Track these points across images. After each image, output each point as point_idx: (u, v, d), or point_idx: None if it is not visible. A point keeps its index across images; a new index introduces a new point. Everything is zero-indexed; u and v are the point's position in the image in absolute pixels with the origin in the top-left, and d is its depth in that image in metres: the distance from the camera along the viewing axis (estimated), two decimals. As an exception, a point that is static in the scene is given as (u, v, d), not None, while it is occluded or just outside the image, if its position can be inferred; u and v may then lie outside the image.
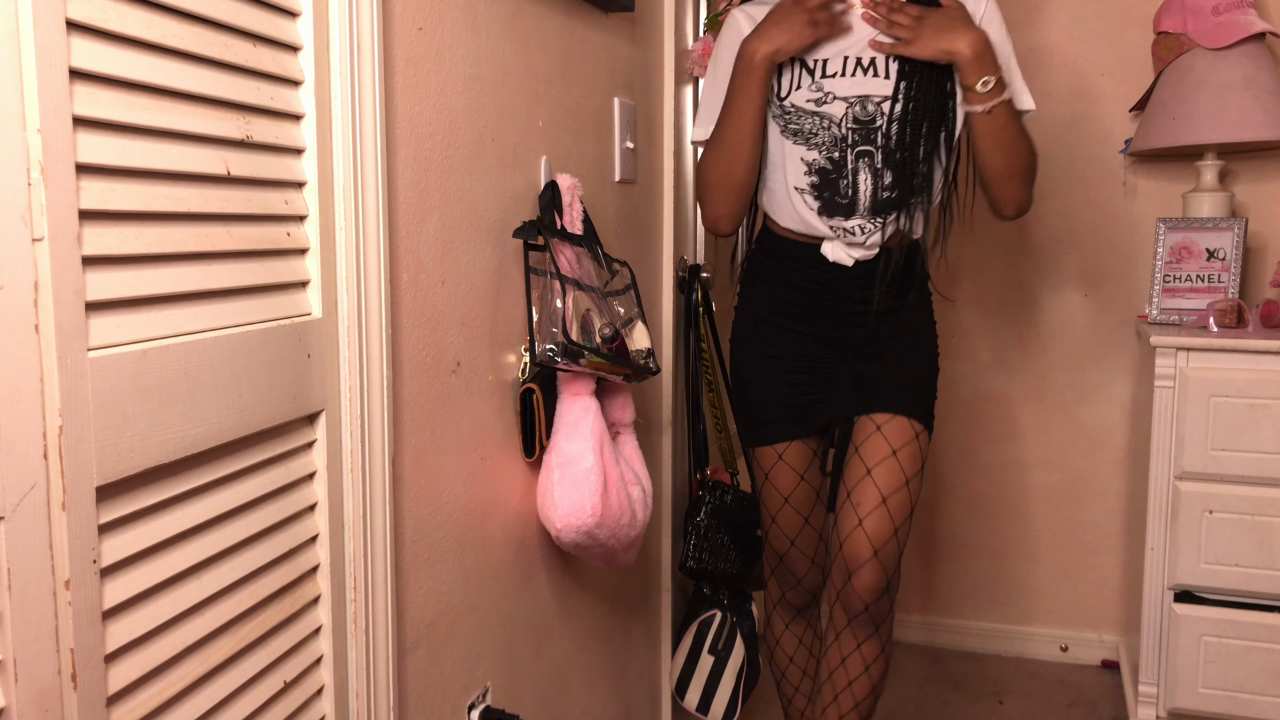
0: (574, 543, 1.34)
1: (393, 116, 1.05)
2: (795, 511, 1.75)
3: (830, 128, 1.59)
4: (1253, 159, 2.42)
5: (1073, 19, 2.51)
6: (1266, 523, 2.02)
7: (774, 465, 1.73)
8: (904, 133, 1.57)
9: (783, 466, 1.72)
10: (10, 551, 0.64)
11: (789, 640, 1.89)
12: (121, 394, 0.71)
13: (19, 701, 0.65)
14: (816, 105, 1.59)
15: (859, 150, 1.58)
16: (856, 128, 1.58)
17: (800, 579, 1.81)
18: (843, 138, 1.58)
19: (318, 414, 0.95)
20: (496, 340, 1.29)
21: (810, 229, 1.64)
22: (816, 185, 1.61)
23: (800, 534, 1.76)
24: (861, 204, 1.59)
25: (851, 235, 1.61)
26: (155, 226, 0.76)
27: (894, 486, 1.59)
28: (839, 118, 1.58)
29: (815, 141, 1.60)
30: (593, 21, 1.56)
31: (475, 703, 1.27)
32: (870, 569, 1.58)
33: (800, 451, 1.72)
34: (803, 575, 1.80)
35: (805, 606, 1.87)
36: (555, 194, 1.37)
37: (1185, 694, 2.11)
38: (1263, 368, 2.01)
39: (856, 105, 1.57)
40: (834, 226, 1.61)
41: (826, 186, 1.60)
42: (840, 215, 1.60)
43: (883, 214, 1.60)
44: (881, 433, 1.61)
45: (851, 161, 1.59)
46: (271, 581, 0.90)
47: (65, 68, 0.67)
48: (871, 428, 1.63)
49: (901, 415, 1.62)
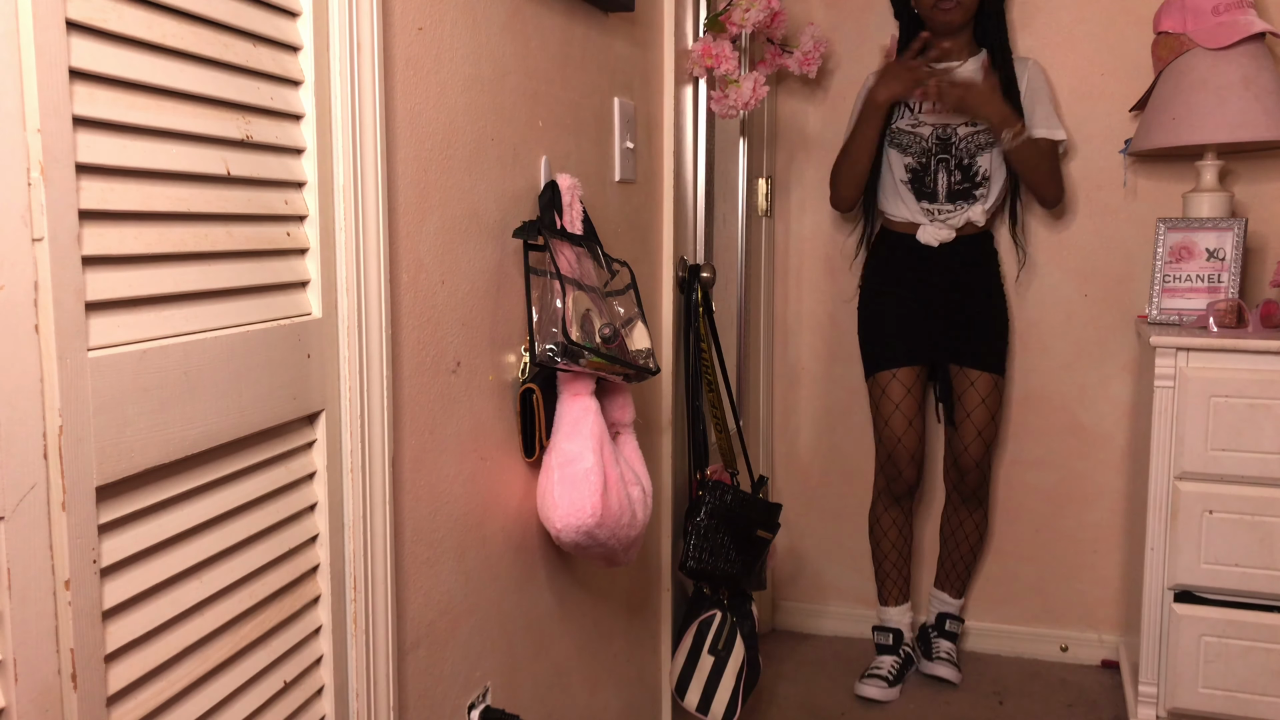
0: (574, 543, 1.34)
1: (393, 116, 1.05)
2: (903, 416, 2.46)
3: (921, 142, 2.41)
4: (1253, 159, 2.42)
5: (1073, 19, 2.51)
6: (1266, 523, 2.02)
7: (889, 382, 2.46)
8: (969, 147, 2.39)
9: (896, 384, 2.46)
10: (10, 551, 0.64)
11: (887, 520, 2.58)
12: (121, 394, 0.71)
13: (19, 701, 0.65)
14: (912, 128, 2.42)
15: (939, 157, 2.40)
16: (938, 143, 2.40)
17: (901, 472, 2.49)
18: (929, 149, 2.40)
19: (318, 414, 0.95)
20: (496, 340, 1.29)
21: (908, 211, 2.43)
22: (911, 180, 2.42)
23: (905, 434, 2.46)
24: (941, 193, 2.40)
25: (934, 216, 2.40)
26: (155, 226, 0.76)
27: (984, 422, 2.46)
28: (927, 135, 2.40)
29: (911, 151, 2.41)
30: (593, 21, 1.56)
31: (475, 703, 1.27)
32: (974, 474, 2.50)
33: (907, 375, 2.46)
34: (903, 468, 2.49)
35: (901, 496, 2.55)
36: (555, 194, 1.37)
37: (1185, 694, 2.10)
38: (1263, 368, 2.01)
39: (940, 129, 2.40)
40: (925, 208, 2.41)
41: (918, 180, 2.41)
42: (927, 199, 2.41)
43: (955, 200, 2.40)
44: (974, 387, 2.45)
45: (934, 164, 2.40)
46: (271, 581, 0.89)
47: (65, 68, 0.67)
48: (967, 382, 2.45)
49: (986, 372, 2.44)
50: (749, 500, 2.06)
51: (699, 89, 2.19)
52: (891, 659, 2.53)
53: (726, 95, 2.16)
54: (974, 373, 2.43)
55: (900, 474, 2.49)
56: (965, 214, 2.37)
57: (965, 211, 2.38)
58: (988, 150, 2.37)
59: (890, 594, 2.59)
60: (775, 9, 2.24)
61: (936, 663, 2.54)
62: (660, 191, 1.92)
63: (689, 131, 2.16)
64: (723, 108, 2.18)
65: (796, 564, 2.87)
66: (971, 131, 2.36)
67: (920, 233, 2.39)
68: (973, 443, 2.46)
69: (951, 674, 2.51)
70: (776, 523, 2.13)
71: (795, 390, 2.83)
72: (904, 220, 2.43)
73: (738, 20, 2.13)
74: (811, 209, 2.76)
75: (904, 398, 2.45)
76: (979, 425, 2.44)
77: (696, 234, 2.24)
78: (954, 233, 2.38)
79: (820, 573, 2.86)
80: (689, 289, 2.09)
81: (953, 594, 2.61)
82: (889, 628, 2.58)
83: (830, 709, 2.41)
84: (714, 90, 2.19)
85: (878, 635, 2.60)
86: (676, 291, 2.02)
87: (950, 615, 2.61)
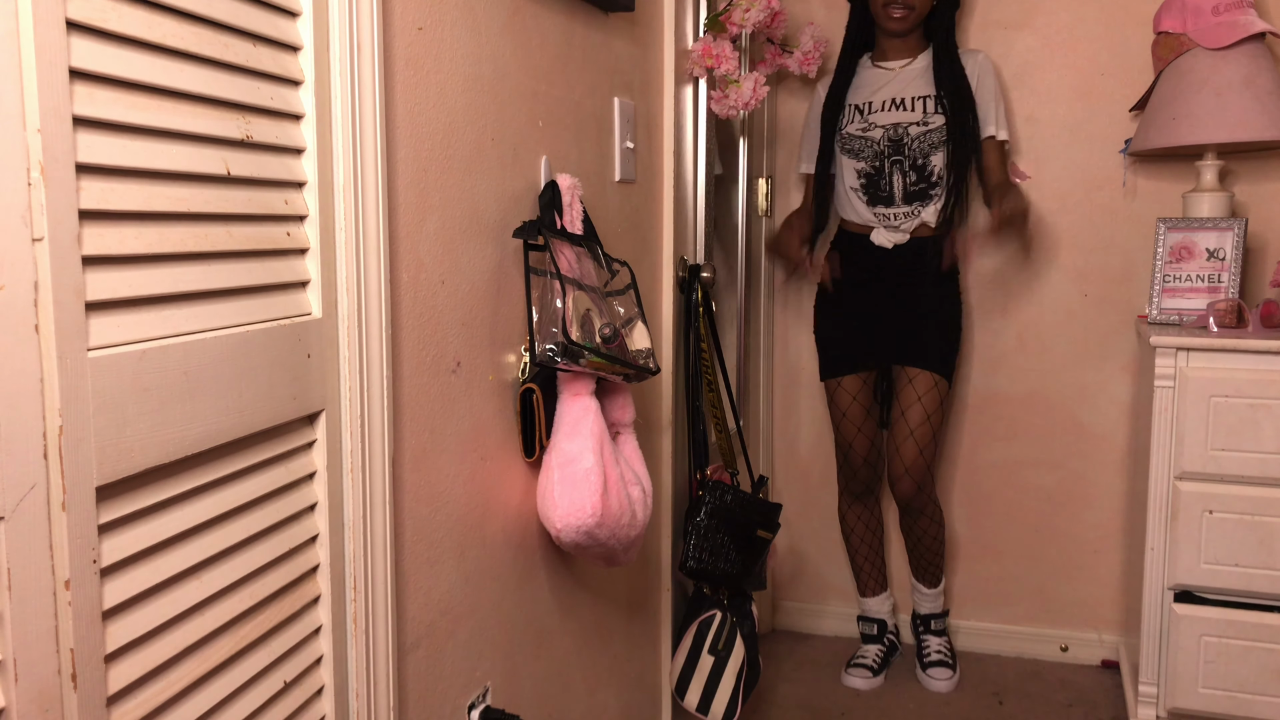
0: (574, 543, 1.34)
1: (393, 116, 1.05)
2: (850, 423, 2.48)
3: (872, 145, 2.37)
4: (1253, 159, 2.42)
5: (1073, 19, 2.51)
6: (1266, 523, 2.02)
7: (836, 391, 2.49)
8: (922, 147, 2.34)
9: (841, 392, 2.48)
10: (10, 551, 0.64)
11: (851, 516, 2.61)
12: (121, 394, 0.71)
13: (19, 701, 0.65)
14: (863, 132, 2.38)
15: (892, 159, 2.36)
16: (891, 144, 2.35)
17: (856, 473, 2.52)
18: (881, 151, 2.36)
19: (318, 414, 0.95)
20: (496, 340, 1.29)
21: (861, 218, 2.40)
22: (864, 185, 2.39)
23: (855, 439, 2.49)
24: (897, 195, 2.36)
25: (889, 220, 2.36)
26: (155, 226, 0.76)
27: (917, 422, 2.37)
28: (879, 139, 2.36)
29: (863, 155, 2.38)
30: (593, 21, 1.56)
31: (475, 703, 1.27)
32: (904, 482, 2.42)
33: (852, 383, 2.47)
34: (858, 470, 2.51)
35: (862, 493, 2.57)
36: (555, 194, 1.37)
37: (1185, 694, 2.10)
38: (1263, 368, 2.01)
39: (891, 130, 2.35)
40: (877, 214, 2.37)
41: (871, 185, 2.38)
42: (882, 204, 2.37)
43: (911, 202, 2.35)
44: (912, 384, 2.38)
45: (888, 167, 2.36)
46: (271, 581, 0.89)
47: (65, 68, 0.67)
48: (905, 380, 2.40)
49: (925, 370, 2.36)
50: (749, 500, 2.06)
51: (699, 89, 2.19)
52: (876, 648, 2.58)
53: (726, 95, 2.16)
54: (912, 370, 2.38)
55: (855, 474, 2.53)
56: (918, 219, 2.35)
57: (918, 217, 2.35)
58: (940, 149, 2.33)
59: (868, 585, 2.62)
60: (775, 9, 2.24)
61: (930, 671, 2.53)
62: (660, 191, 1.92)
63: (689, 131, 2.16)
64: (723, 108, 2.18)
65: (796, 564, 2.87)
66: (924, 130, 2.33)
67: (875, 234, 2.38)
68: (904, 444, 2.38)
69: (945, 683, 2.50)
70: (776, 523, 2.13)
71: (795, 390, 2.83)
72: (861, 223, 2.42)
73: (738, 20, 2.13)
74: (811, 209, 2.76)
75: (850, 404, 2.46)
76: (911, 425, 2.37)
77: (696, 234, 2.24)
78: (908, 235, 2.36)
79: (820, 573, 2.86)
80: (689, 289, 2.09)
81: (928, 584, 2.60)
82: (872, 618, 2.62)
83: (830, 709, 2.41)
84: (714, 90, 2.19)
85: (862, 625, 2.64)
86: (676, 291, 2.02)
87: (934, 613, 2.61)
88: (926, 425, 2.37)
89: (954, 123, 2.31)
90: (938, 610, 2.61)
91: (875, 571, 2.62)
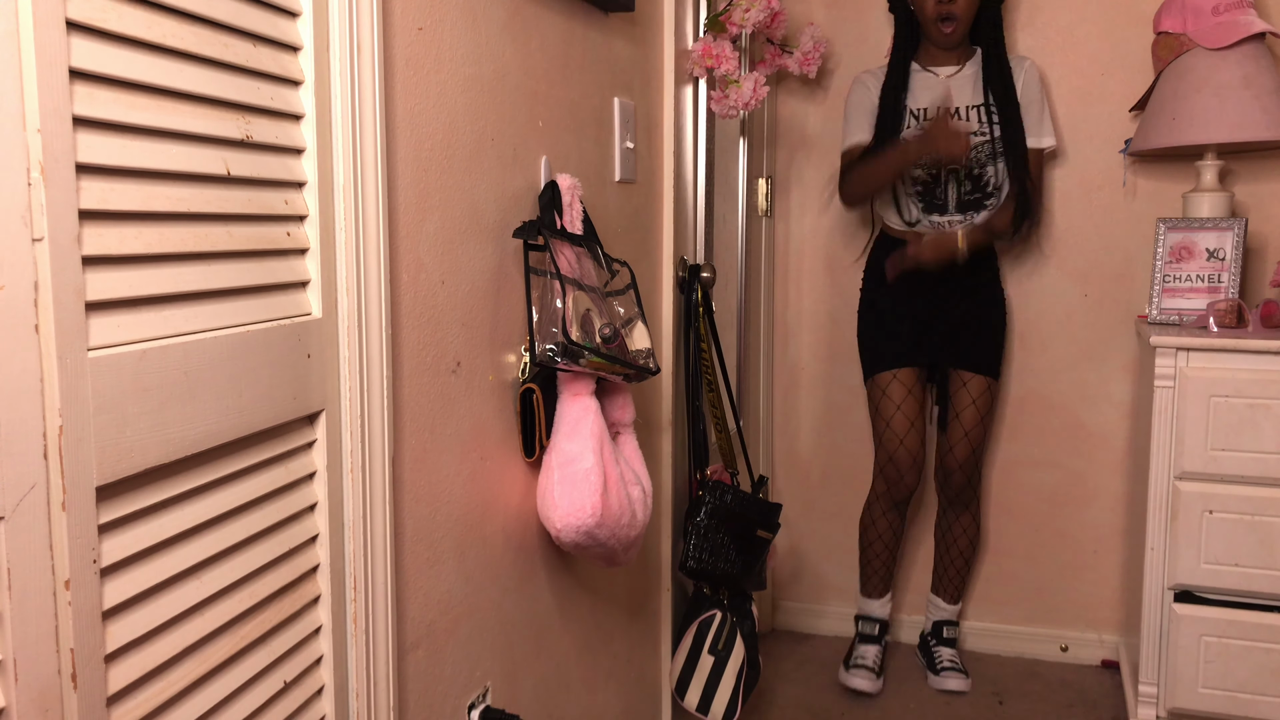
0: (574, 543, 1.34)
1: (393, 116, 1.05)
2: (905, 418, 2.42)
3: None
4: (1253, 159, 2.42)
5: (1073, 19, 2.51)
6: (1266, 523, 2.02)
7: (890, 383, 2.43)
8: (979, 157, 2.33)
9: (896, 385, 2.43)
10: (10, 551, 0.64)
11: (883, 523, 2.54)
12: (121, 394, 0.71)
13: (19, 701, 0.65)
14: None
15: (949, 168, 2.36)
16: None
17: (903, 475, 2.45)
18: (938, 160, 2.32)
19: (318, 414, 0.95)
20: (496, 340, 1.29)
21: (908, 223, 2.41)
22: (921, 192, 2.39)
23: (907, 436, 2.42)
24: (951, 204, 2.37)
25: (942, 229, 2.36)
26: (155, 226, 0.76)
27: (972, 424, 2.44)
28: None
29: (921, 163, 2.34)
30: (592, 21, 1.56)
31: (475, 703, 1.27)
32: (958, 475, 2.47)
33: (908, 376, 2.43)
34: (905, 472, 2.44)
35: (900, 501, 2.50)
36: (555, 194, 1.37)
37: (1185, 694, 2.10)
38: (1263, 368, 2.01)
39: None
40: (933, 221, 2.39)
41: (928, 193, 2.38)
42: (937, 212, 2.39)
43: (965, 211, 2.37)
44: (966, 388, 2.43)
45: (945, 176, 2.37)
46: (271, 581, 0.89)
47: (65, 68, 0.67)
48: (960, 383, 2.44)
49: (978, 374, 2.42)
50: (749, 500, 2.06)
51: (699, 89, 2.19)
52: (875, 649, 2.54)
53: (726, 95, 2.17)
54: (966, 374, 2.42)
55: (902, 478, 2.45)
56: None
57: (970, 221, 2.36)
58: (997, 159, 2.34)
59: (877, 587, 2.58)
60: (775, 9, 2.24)
61: (944, 675, 2.52)
62: (660, 191, 1.92)
63: (689, 131, 2.16)
64: (723, 108, 2.18)
65: (796, 564, 2.87)
66: (982, 140, 2.33)
67: None
68: (959, 444, 2.44)
69: (961, 684, 2.51)
70: (776, 523, 2.13)
71: (795, 390, 2.83)
72: (903, 229, 2.42)
73: (738, 20, 2.13)
74: (811, 209, 2.76)
75: (905, 398, 2.42)
76: (966, 427, 2.43)
77: (696, 234, 2.24)
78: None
79: (820, 573, 2.86)
80: (689, 289, 2.09)
81: (949, 600, 2.60)
82: (874, 618, 2.58)
83: (830, 709, 2.41)
84: (714, 90, 2.19)
85: (862, 625, 2.59)
86: (676, 291, 2.02)
87: (948, 622, 2.61)
88: (980, 426, 2.43)
89: (1008, 134, 2.31)
90: (951, 618, 2.62)
91: (887, 574, 2.59)
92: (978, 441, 2.45)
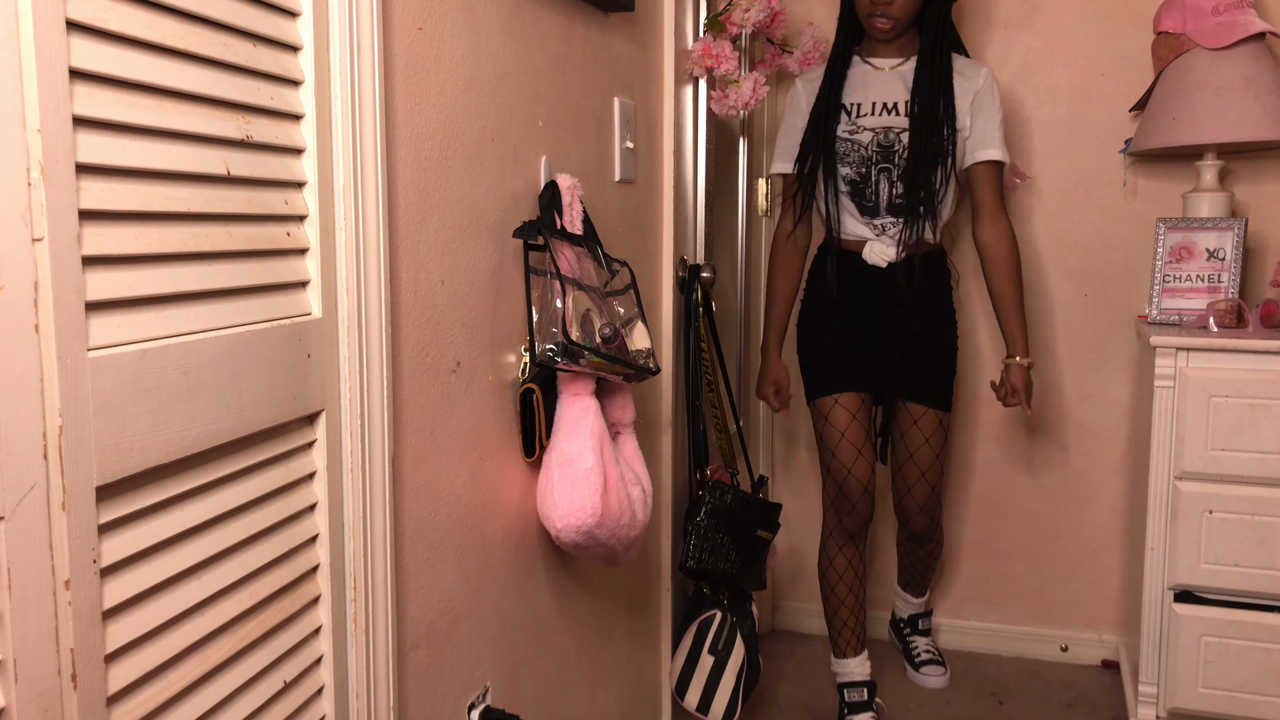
0: (574, 543, 1.34)
1: (393, 116, 1.05)
2: (851, 445, 2.22)
3: (859, 150, 2.16)
4: (1253, 159, 2.42)
5: (1073, 19, 2.51)
6: (1266, 523, 2.02)
7: (832, 408, 2.23)
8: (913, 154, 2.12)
9: (839, 410, 2.22)
10: (10, 551, 0.64)
11: (841, 561, 2.32)
12: (121, 394, 0.71)
13: (19, 701, 0.65)
14: (850, 135, 2.17)
15: (880, 166, 2.17)
16: (879, 150, 2.16)
17: (854, 506, 2.24)
18: (868, 158, 2.16)
19: (318, 414, 0.95)
20: (496, 340, 1.29)
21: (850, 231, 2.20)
22: (850, 191, 2.18)
23: (855, 465, 2.21)
24: (881, 205, 2.17)
25: (880, 231, 2.17)
26: (155, 226, 0.76)
27: (927, 464, 2.28)
28: (867, 143, 2.16)
29: (849, 160, 2.17)
30: (593, 21, 1.56)
31: (475, 703, 1.27)
32: (919, 518, 2.35)
33: (850, 400, 2.23)
34: (856, 502, 2.24)
35: (856, 533, 2.30)
36: (555, 194, 1.37)
37: (1185, 694, 2.10)
38: (1263, 368, 2.01)
39: (881, 134, 2.16)
40: (868, 223, 2.18)
41: (857, 192, 2.18)
42: (868, 214, 2.18)
43: (897, 214, 2.15)
44: (918, 425, 2.26)
45: (875, 174, 2.17)
46: (271, 581, 0.90)
47: (65, 68, 0.67)
48: (910, 419, 2.27)
49: (931, 409, 2.25)
50: (749, 500, 2.06)
51: (699, 89, 2.19)
52: (869, 716, 2.29)
53: (726, 95, 2.17)
54: (917, 409, 2.24)
55: (853, 508, 2.24)
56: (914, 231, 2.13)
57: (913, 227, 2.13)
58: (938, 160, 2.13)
59: (849, 644, 2.34)
60: (775, 9, 2.24)
61: (924, 671, 2.53)
62: (660, 191, 1.92)
63: (689, 131, 2.16)
64: (723, 108, 2.18)
65: (796, 564, 2.87)
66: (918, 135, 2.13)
67: (866, 251, 2.16)
68: (916, 484, 2.29)
69: (940, 679, 2.52)
70: (776, 523, 2.13)
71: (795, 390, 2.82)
72: (852, 236, 2.20)
73: (738, 20, 2.13)
74: (811, 209, 2.76)
75: (849, 424, 2.21)
76: (923, 467, 2.27)
77: (696, 234, 2.24)
78: (903, 250, 2.15)
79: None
80: (689, 289, 2.09)
81: (915, 593, 2.61)
82: (858, 682, 2.32)
83: (830, 709, 2.41)
84: (714, 90, 2.19)
85: (849, 693, 2.32)
86: (676, 291, 2.02)
87: (920, 613, 2.64)
88: (936, 465, 2.28)
89: (916, 143, 2.11)
90: (923, 611, 2.64)
91: (858, 627, 2.34)
92: (935, 480, 2.30)
